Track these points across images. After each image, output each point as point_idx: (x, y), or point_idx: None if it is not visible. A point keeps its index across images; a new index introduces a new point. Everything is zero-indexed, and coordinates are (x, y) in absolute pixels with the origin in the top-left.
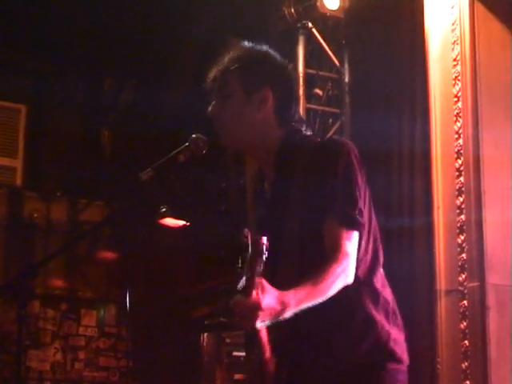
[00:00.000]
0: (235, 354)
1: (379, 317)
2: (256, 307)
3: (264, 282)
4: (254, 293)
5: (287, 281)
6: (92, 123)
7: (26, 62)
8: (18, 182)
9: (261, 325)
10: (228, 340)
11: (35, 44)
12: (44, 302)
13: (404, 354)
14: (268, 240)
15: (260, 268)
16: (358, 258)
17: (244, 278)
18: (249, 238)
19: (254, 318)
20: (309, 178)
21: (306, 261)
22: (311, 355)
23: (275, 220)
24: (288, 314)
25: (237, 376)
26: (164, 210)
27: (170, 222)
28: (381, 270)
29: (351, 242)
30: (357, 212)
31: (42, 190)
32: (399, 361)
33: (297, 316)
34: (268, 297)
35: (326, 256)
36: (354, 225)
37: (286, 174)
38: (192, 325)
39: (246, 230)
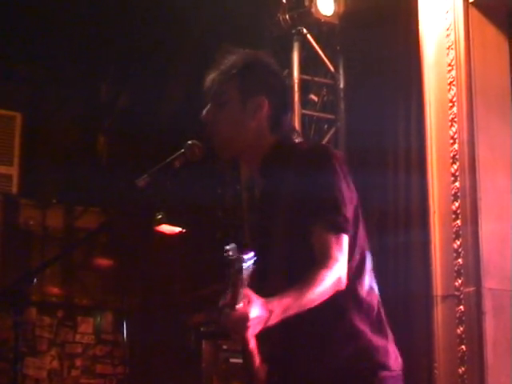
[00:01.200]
0: (232, 360)
1: (362, 326)
2: (244, 319)
3: (249, 292)
4: (241, 304)
5: (277, 286)
6: (88, 130)
7: (22, 69)
8: (14, 189)
9: (251, 334)
10: (225, 347)
11: (30, 51)
12: (40, 309)
13: (392, 360)
14: (257, 249)
15: (245, 281)
16: (349, 268)
17: (228, 293)
18: (230, 254)
19: (243, 329)
20: (294, 185)
21: (294, 266)
22: (301, 362)
23: (264, 225)
24: (273, 320)
25: (234, 383)
26: (160, 216)
27: (166, 228)
28: (367, 277)
29: (341, 248)
30: (341, 218)
31: (38, 198)
32: (388, 368)
33: (285, 323)
34: (254, 306)
35: (316, 263)
36: (341, 230)
37: (273, 180)
38: (189, 331)
39: (227, 247)
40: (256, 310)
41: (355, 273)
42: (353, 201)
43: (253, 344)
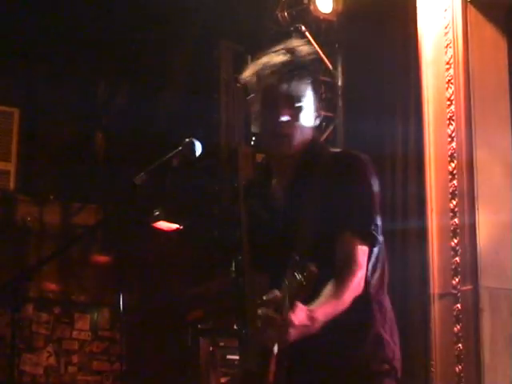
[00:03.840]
0: (229, 357)
1: (386, 335)
2: (289, 324)
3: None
4: (287, 310)
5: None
6: (85, 126)
7: (19, 65)
8: (11, 185)
9: (289, 340)
10: (222, 343)
11: (28, 47)
12: (37, 305)
13: (400, 369)
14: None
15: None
16: (371, 275)
17: (276, 294)
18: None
19: (285, 334)
20: (325, 191)
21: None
22: (322, 357)
23: (287, 225)
24: (315, 329)
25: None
26: (157, 213)
27: (163, 225)
28: (386, 287)
29: (365, 255)
30: (372, 227)
31: (35, 194)
32: (397, 376)
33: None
34: (300, 313)
35: (337, 267)
36: (368, 239)
37: (305, 182)
38: (186, 328)
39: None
40: (300, 317)
41: (381, 282)
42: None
43: (276, 350)
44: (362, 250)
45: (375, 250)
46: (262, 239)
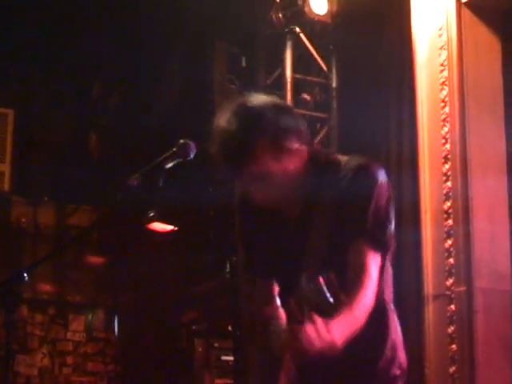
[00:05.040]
0: (224, 358)
1: (398, 339)
2: (311, 337)
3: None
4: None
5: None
6: (80, 127)
7: (14, 66)
8: (6, 186)
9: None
10: (216, 344)
11: (22, 48)
12: (32, 306)
13: (406, 367)
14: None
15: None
16: (385, 282)
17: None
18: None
19: (303, 347)
20: (338, 201)
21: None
22: (339, 367)
23: (297, 243)
24: (333, 350)
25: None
26: (152, 214)
27: (157, 226)
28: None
29: (377, 265)
30: (385, 234)
31: (30, 195)
32: (403, 374)
33: None
34: (321, 329)
35: (348, 278)
36: (380, 246)
37: (317, 199)
38: (180, 329)
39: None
40: (320, 333)
41: (390, 290)
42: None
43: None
44: (374, 260)
45: (388, 256)
46: (269, 246)
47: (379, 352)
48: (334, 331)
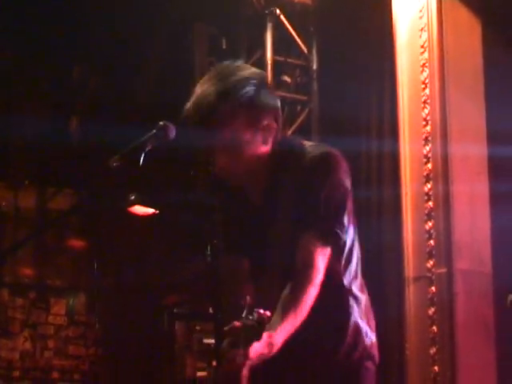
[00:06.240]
0: (205, 341)
1: (362, 323)
2: (245, 357)
3: None
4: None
5: (272, 285)
6: (60, 111)
7: None
8: None
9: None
10: (198, 327)
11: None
12: (13, 290)
13: (378, 355)
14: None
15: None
16: (343, 268)
17: (235, 325)
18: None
19: (241, 366)
20: (296, 190)
21: (290, 267)
22: (298, 359)
23: (263, 225)
24: (275, 351)
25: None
26: (133, 197)
27: (139, 209)
28: (360, 276)
29: (324, 257)
30: (336, 226)
31: (10, 179)
32: (375, 362)
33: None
34: (255, 345)
35: (297, 269)
36: (329, 239)
37: (279, 181)
38: (162, 313)
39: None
40: (256, 348)
41: (354, 276)
42: (351, 205)
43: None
44: (322, 252)
45: (348, 242)
46: (239, 226)
47: (338, 339)
48: (276, 340)
